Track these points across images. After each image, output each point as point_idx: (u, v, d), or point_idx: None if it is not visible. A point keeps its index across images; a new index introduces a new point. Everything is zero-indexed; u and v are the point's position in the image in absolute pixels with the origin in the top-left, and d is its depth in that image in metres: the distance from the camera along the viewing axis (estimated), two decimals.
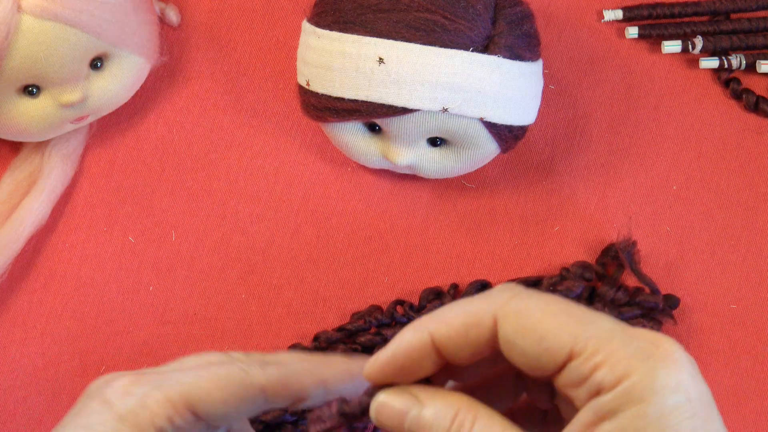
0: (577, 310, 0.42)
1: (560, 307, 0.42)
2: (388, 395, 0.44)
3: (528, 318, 0.42)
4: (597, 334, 0.41)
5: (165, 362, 0.70)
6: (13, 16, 0.62)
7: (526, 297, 0.42)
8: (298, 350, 0.67)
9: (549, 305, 0.42)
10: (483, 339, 0.43)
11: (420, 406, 0.43)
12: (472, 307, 0.43)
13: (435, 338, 0.43)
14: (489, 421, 0.42)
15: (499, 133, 0.65)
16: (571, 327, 0.41)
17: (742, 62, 0.72)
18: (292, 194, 0.72)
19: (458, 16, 0.62)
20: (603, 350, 0.41)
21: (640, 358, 0.40)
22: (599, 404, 0.41)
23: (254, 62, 0.73)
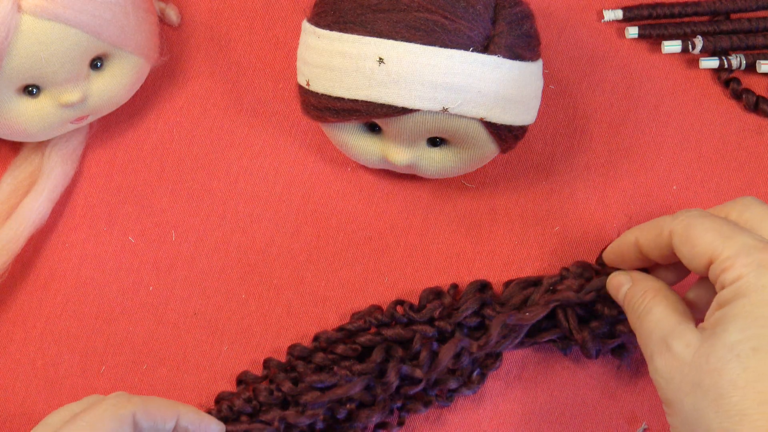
0: (726, 228, 0.57)
1: (714, 225, 0.58)
2: (615, 273, 0.65)
3: (688, 231, 0.58)
4: (731, 245, 0.56)
5: (165, 362, 0.70)
6: (13, 16, 0.62)
7: (694, 217, 0.59)
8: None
9: (705, 223, 0.58)
10: (664, 243, 0.60)
11: (631, 282, 0.63)
12: (660, 221, 0.61)
13: (637, 239, 0.63)
14: (666, 299, 0.60)
15: (499, 133, 0.65)
16: (715, 240, 0.57)
17: (742, 62, 0.72)
18: (292, 194, 0.72)
19: (458, 16, 0.62)
20: (731, 258, 0.56)
21: (754, 266, 0.55)
22: (720, 296, 0.56)
23: (254, 62, 0.73)
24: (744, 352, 0.54)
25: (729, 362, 0.54)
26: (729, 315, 0.55)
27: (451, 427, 0.70)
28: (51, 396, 0.70)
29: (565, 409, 0.70)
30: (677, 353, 0.57)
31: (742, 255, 0.56)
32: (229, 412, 0.68)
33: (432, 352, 0.68)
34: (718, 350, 0.55)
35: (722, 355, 0.54)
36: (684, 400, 0.56)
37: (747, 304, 0.55)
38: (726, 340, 0.55)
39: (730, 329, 0.55)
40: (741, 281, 0.55)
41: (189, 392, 0.70)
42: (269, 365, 0.69)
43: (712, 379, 0.54)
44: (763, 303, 0.55)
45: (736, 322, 0.55)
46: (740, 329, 0.54)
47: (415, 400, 0.69)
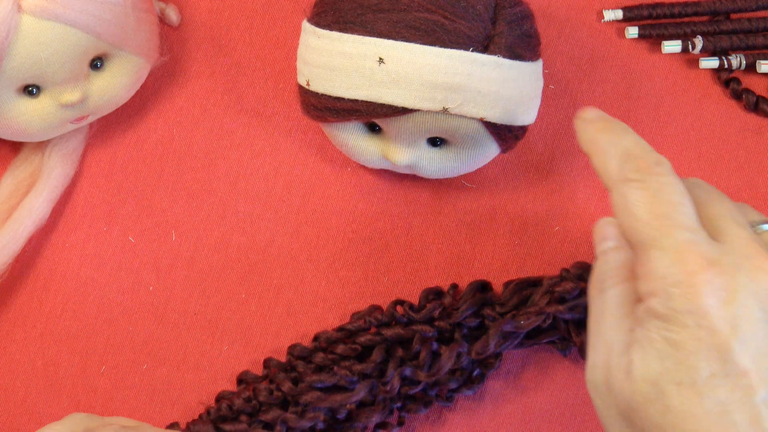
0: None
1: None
2: (609, 222, 0.54)
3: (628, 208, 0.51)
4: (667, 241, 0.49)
5: (165, 362, 0.70)
6: (13, 16, 0.62)
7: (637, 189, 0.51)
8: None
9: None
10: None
11: (616, 245, 0.53)
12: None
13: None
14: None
15: (499, 133, 0.65)
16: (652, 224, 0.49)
17: (742, 62, 0.72)
18: (292, 194, 0.72)
19: (458, 16, 0.62)
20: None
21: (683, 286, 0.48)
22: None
23: (254, 62, 0.73)
24: (668, 389, 0.47)
25: (653, 402, 0.48)
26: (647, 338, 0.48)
27: (451, 427, 0.70)
28: (51, 396, 0.70)
29: (565, 409, 0.70)
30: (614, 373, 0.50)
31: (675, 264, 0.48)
32: (229, 412, 0.68)
33: (432, 352, 0.68)
34: (640, 386, 0.48)
35: (646, 391, 0.48)
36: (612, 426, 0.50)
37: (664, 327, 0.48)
38: (647, 374, 0.48)
39: (650, 357, 0.48)
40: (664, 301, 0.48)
41: (189, 392, 0.70)
42: (269, 365, 0.69)
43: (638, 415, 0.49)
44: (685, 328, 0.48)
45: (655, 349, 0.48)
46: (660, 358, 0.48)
47: (415, 400, 0.69)
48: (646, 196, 0.50)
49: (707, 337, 0.47)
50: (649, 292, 0.48)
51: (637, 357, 0.48)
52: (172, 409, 0.70)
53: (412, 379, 0.67)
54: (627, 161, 0.51)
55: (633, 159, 0.51)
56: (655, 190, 0.50)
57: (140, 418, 0.70)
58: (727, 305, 0.47)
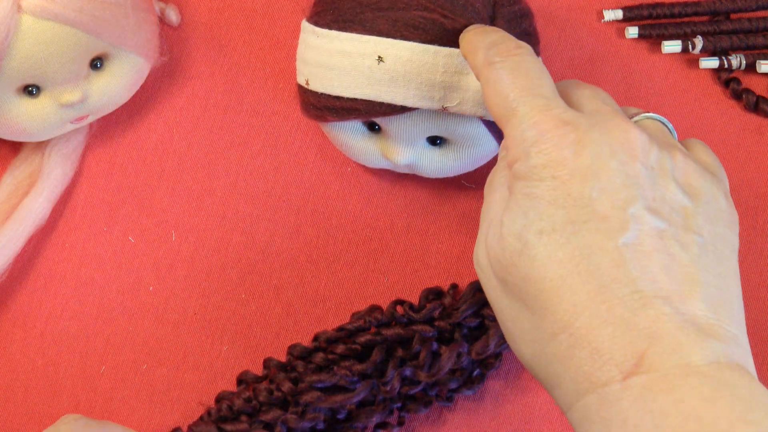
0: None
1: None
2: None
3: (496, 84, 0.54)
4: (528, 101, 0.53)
5: (165, 362, 0.70)
6: (13, 16, 0.62)
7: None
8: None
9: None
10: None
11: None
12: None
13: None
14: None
15: (499, 131, 0.65)
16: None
17: (742, 62, 0.72)
18: (292, 194, 0.72)
19: (457, 15, 0.62)
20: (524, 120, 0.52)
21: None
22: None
23: (254, 62, 0.73)
24: (531, 239, 0.50)
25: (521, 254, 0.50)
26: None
27: (451, 427, 0.70)
28: (51, 396, 0.70)
29: None
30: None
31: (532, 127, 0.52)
32: (229, 412, 0.68)
33: (432, 352, 0.68)
34: (508, 241, 0.51)
35: (513, 246, 0.51)
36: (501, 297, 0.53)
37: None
38: (513, 229, 0.51)
39: (515, 214, 0.51)
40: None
41: (189, 392, 0.70)
42: (269, 365, 0.69)
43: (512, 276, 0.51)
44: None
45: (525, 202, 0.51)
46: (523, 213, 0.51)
47: (415, 400, 0.69)
48: (505, 73, 0.53)
49: (563, 186, 0.50)
50: (513, 159, 0.52)
51: (506, 218, 0.51)
52: (171, 409, 0.70)
53: (412, 379, 0.67)
54: (491, 48, 0.55)
55: (495, 45, 0.55)
56: (513, 67, 0.53)
57: (140, 417, 0.70)
58: (580, 156, 0.50)
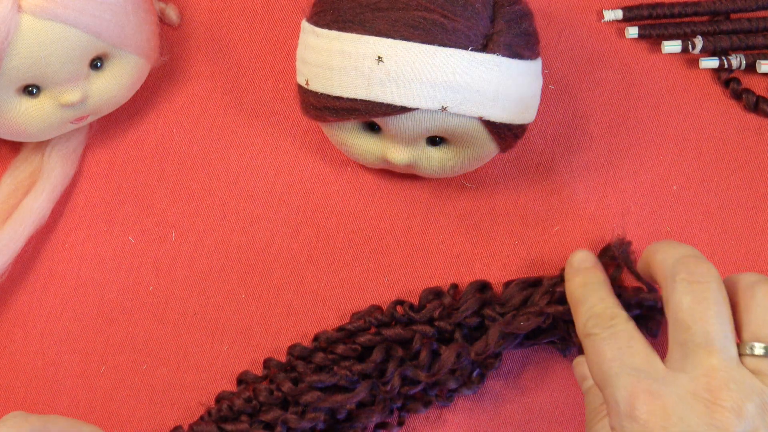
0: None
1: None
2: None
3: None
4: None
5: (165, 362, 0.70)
6: (13, 16, 0.62)
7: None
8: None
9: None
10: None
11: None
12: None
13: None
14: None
15: (499, 132, 0.65)
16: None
17: (742, 62, 0.72)
18: (292, 194, 0.72)
19: (457, 15, 0.62)
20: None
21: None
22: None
23: (254, 62, 0.73)
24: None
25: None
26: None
27: (451, 427, 0.70)
28: (51, 396, 0.70)
29: (565, 409, 0.70)
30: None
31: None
32: (230, 412, 0.68)
33: (432, 351, 0.68)
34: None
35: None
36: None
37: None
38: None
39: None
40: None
41: (189, 392, 0.70)
42: (269, 365, 0.69)
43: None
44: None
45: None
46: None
47: (415, 400, 0.69)
48: (600, 346, 0.59)
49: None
50: (612, 426, 0.57)
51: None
52: (171, 409, 0.70)
53: (413, 379, 0.67)
54: (590, 319, 0.61)
55: (594, 317, 0.61)
56: (607, 339, 0.59)
57: (140, 417, 0.70)
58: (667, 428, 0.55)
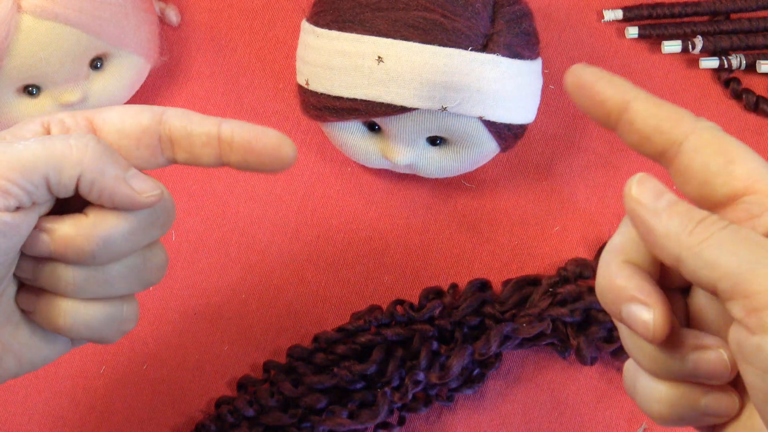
0: (760, 159, 0.44)
1: (748, 150, 0.44)
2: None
3: (724, 140, 0.44)
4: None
5: (165, 362, 0.70)
6: (13, 16, 0.62)
7: (721, 130, 0.45)
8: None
9: (740, 144, 0.44)
10: (673, 133, 0.45)
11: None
12: (677, 108, 0.45)
13: (632, 106, 0.45)
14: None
15: (499, 131, 0.65)
16: (755, 165, 0.44)
17: (742, 62, 0.72)
18: (292, 194, 0.72)
19: (457, 15, 0.62)
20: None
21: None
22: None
23: (254, 62, 0.73)
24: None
25: None
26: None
27: (451, 427, 0.70)
28: (51, 396, 0.70)
29: (565, 409, 0.70)
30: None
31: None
32: (230, 417, 0.68)
33: (432, 351, 0.68)
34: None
35: None
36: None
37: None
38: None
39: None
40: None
41: (189, 392, 0.70)
42: (269, 368, 0.69)
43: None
44: None
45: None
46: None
47: (415, 399, 0.69)
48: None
49: None
50: (752, 327, 0.42)
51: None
52: (171, 410, 0.70)
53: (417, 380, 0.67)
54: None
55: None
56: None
57: (140, 418, 0.70)
58: None
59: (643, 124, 0.45)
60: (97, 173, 0.47)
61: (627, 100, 0.45)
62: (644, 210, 0.44)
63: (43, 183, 0.46)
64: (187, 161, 0.50)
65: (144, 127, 0.49)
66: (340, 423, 0.67)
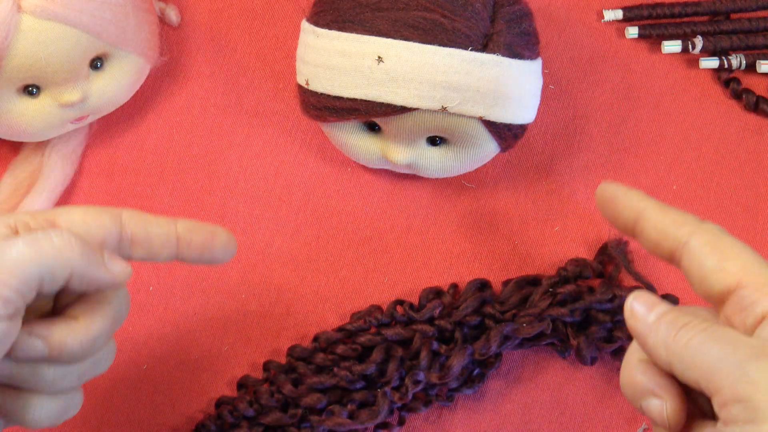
0: (753, 253, 0.48)
1: (742, 246, 0.48)
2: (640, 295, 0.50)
3: (720, 240, 0.48)
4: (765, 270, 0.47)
5: (165, 362, 0.70)
6: (13, 16, 0.62)
7: (723, 232, 0.49)
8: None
9: (735, 241, 0.48)
10: (676, 238, 0.49)
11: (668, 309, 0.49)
12: (684, 214, 0.50)
13: (644, 214, 0.51)
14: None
15: (499, 131, 0.65)
16: (746, 259, 0.47)
17: (742, 62, 0.72)
18: (292, 194, 0.72)
19: (457, 15, 0.62)
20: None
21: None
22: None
23: (254, 62, 0.73)
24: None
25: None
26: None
27: (451, 427, 0.70)
28: None
29: (565, 409, 0.70)
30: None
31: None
32: (230, 417, 0.68)
33: (432, 351, 0.68)
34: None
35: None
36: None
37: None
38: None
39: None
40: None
41: (189, 392, 0.70)
42: (269, 368, 0.69)
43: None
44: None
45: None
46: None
47: (415, 399, 0.69)
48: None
49: None
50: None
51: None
52: (171, 410, 0.70)
53: (417, 380, 0.67)
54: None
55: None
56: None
57: (140, 418, 0.70)
58: None
59: (652, 230, 0.50)
60: (85, 268, 0.49)
61: (639, 210, 0.51)
62: (639, 323, 0.49)
63: (37, 286, 0.47)
64: (143, 258, 0.53)
65: (107, 229, 0.51)
66: (339, 423, 0.67)
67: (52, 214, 0.51)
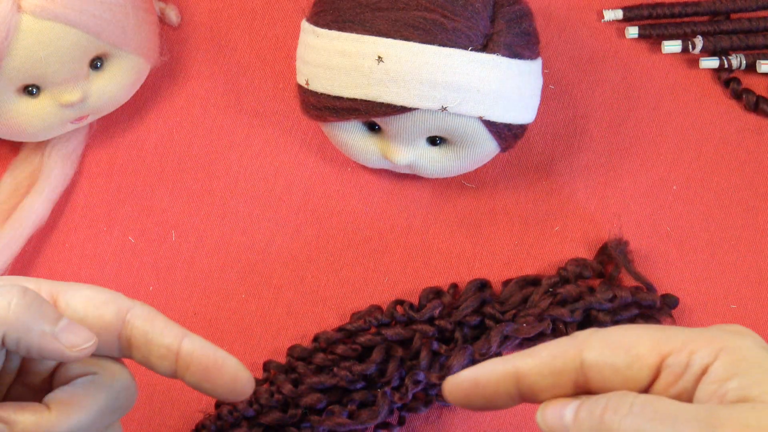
0: (651, 327, 0.46)
1: (637, 327, 0.46)
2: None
3: (612, 336, 0.45)
4: (674, 333, 0.45)
5: None
6: (13, 16, 0.62)
7: (605, 329, 0.46)
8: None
9: (626, 328, 0.46)
10: (568, 367, 0.45)
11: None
12: (557, 342, 0.46)
13: (520, 369, 0.46)
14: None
15: (499, 131, 0.65)
16: (651, 334, 0.45)
17: (742, 62, 0.72)
18: (292, 194, 0.72)
19: (457, 15, 0.62)
20: (690, 341, 0.44)
21: (722, 333, 0.44)
22: (714, 376, 0.43)
23: (254, 62, 0.73)
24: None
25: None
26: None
27: (451, 427, 0.70)
28: None
29: None
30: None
31: (698, 333, 0.45)
32: (230, 417, 0.68)
33: (432, 351, 0.68)
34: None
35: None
36: None
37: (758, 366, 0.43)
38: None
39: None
40: (727, 351, 0.43)
41: (189, 392, 0.70)
42: (269, 367, 0.69)
43: None
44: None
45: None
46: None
47: (415, 399, 0.69)
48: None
49: None
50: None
51: None
52: (172, 410, 0.70)
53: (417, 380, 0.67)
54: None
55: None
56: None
57: (140, 418, 0.70)
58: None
59: (538, 377, 0.46)
60: (22, 331, 0.44)
61: (509, 374, 0.46)
62: (558, 429, 0.45)
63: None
64: (141, 363, 0.49)
65: (105, 323, 0.47)
66: (339, 423, 0.67)
67: (58, 288, 0.48)
